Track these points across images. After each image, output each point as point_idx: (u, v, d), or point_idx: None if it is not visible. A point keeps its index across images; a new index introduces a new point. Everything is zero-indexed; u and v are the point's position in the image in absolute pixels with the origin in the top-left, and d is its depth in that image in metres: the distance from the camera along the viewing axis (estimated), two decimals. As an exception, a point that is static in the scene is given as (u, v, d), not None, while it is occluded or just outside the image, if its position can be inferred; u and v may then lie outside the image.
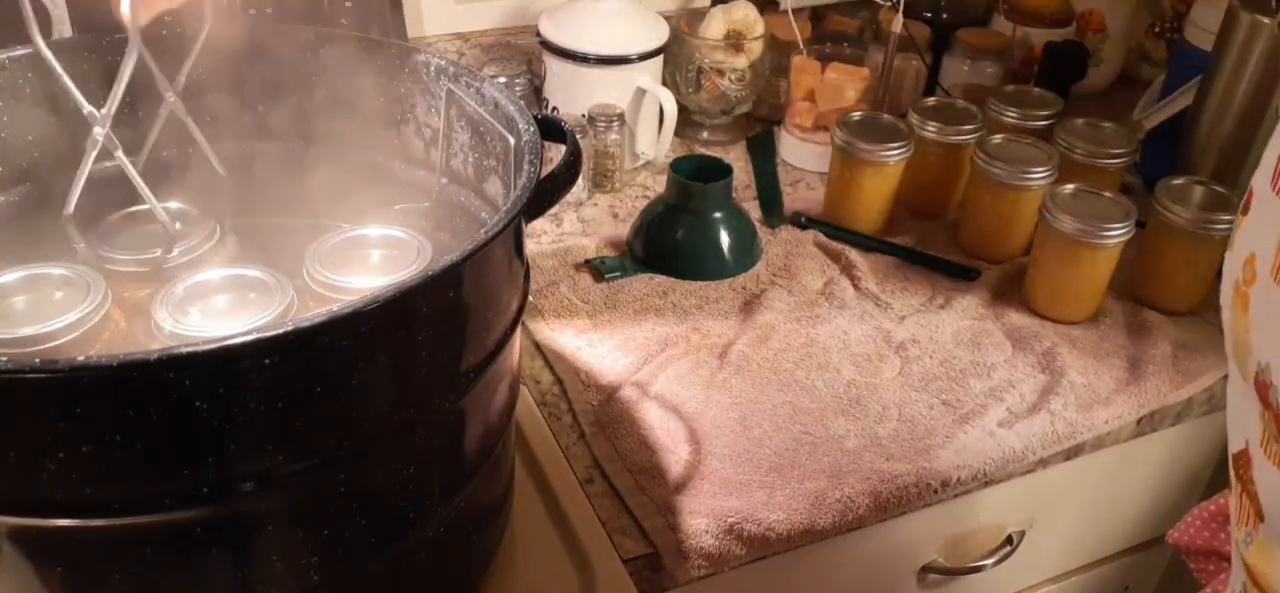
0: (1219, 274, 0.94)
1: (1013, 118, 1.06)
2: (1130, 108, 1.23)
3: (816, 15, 1.28)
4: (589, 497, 0.72)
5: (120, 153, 0.58)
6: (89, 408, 0.39)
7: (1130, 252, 0.92)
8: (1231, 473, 0.52)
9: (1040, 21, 1.29)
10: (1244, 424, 0.49)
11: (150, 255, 0.61)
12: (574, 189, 0.93)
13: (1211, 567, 0.69)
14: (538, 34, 1.08)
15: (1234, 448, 0.51)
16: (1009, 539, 0.91)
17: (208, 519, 0.45)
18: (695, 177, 0.94)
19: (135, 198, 0.60)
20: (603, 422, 0.78)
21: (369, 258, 0.61)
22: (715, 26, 1.11)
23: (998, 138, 1.00)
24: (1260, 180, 0.47)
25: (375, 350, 0.45)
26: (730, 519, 0.70)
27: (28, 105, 0.61)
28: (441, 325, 0.48)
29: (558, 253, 0.97)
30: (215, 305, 0.57)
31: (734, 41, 1.12)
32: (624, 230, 1.00)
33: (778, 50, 1.18)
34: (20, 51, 0.60)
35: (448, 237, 0.65)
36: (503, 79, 1.09)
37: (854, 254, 0.99)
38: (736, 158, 1.16)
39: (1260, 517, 0.49)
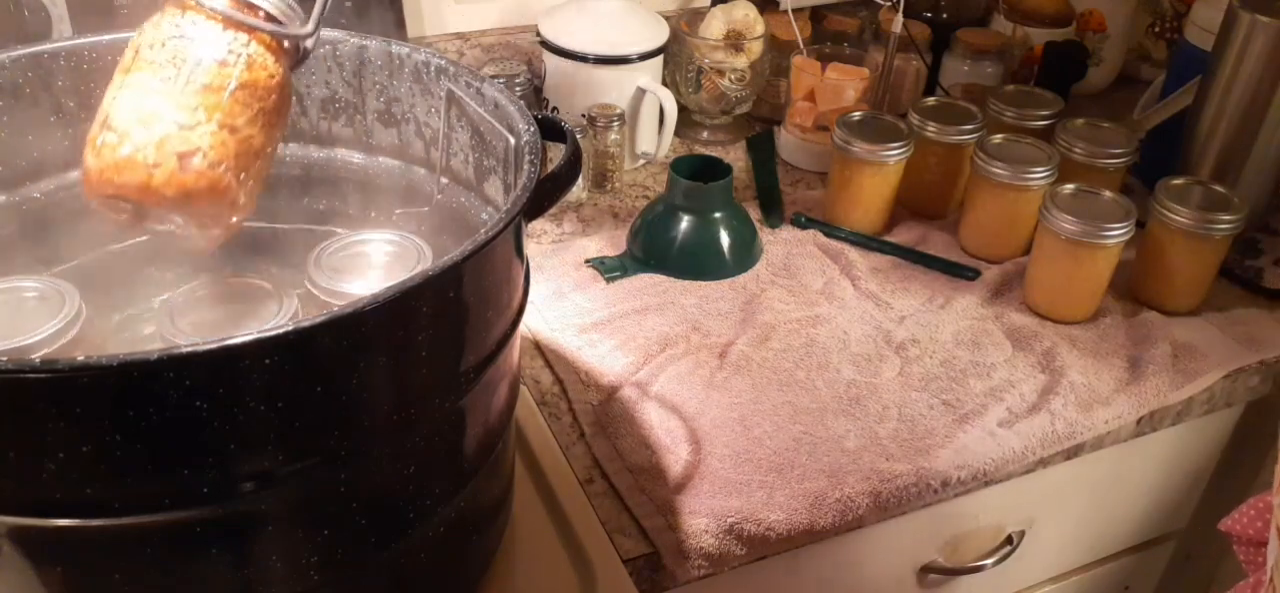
0: (1219, 273, 0.94)
1: (1012, 118, 1.06)
2: (1130, 108, 1.23)
3: (816, 15, 1.28)
4: (589, 497, 0.72)
5: None
6: (89, 408, 0.39)
7: (1130, 252, 0.93)
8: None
9: (1040, 21, 1.29)
10: None
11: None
12: (574, 189, 0.94)
13: (1260, 558, 0.70)
14: (538, 34, 1.08)
15: None
16: (1009, 539, 0.91)
17: (208, 519, 0.45)
18: (695, 177, 0.94)
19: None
20: (603, 422, 0.78)
21: (370, 263, 0.61)
22: (715, 26, 1.11)
23: (998, 138, 1.00)
24: None
25: (375, 351, 0.45)
26: (730, 519, 0.70)
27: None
28: (441, 325, 0.48)
29: (558, 253, 0.97)
30: (217, 314, 0.57)
31: (734, 41, 1.12)
32: (624, 230, 1.00)
33: (778, 50, 1.18)
34: (19, 52, 0.59)
35: (448, 240, 0.65)
36: (503, 79, 1.09)
37: (854, 254, 0.99)
38: (736, 158, 1.16)
39: None
